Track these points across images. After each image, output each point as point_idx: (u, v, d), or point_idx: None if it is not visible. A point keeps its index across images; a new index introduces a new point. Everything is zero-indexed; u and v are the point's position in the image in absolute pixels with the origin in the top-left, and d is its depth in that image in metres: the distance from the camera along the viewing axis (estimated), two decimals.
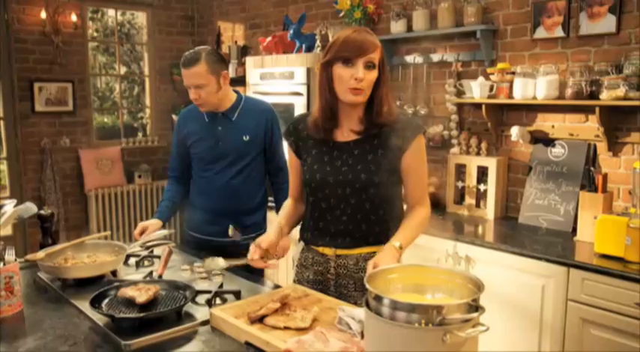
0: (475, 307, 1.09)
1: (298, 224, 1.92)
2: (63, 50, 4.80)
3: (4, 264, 1.62)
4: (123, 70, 5.86)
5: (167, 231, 2.28)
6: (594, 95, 2.69)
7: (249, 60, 4.18)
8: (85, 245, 2.06)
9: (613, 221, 2.35)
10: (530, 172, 3.08)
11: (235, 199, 2.45)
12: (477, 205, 3.24)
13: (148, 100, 5.65)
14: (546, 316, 2.46)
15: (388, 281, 1.24)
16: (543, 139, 3.05)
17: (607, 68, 2.67)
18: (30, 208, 2.04)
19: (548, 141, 3.02)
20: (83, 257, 1.99)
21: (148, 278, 1.91)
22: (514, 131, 3.05)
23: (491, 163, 3.17)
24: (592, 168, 2.83)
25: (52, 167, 4.80)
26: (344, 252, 1.77)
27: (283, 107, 3.77)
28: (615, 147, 2.78)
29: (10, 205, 1.92)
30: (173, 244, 2.10)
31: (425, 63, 3.55)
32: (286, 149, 1.92)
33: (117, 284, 1.72)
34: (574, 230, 2.75)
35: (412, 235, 1.70)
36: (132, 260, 2.13)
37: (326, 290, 1.80)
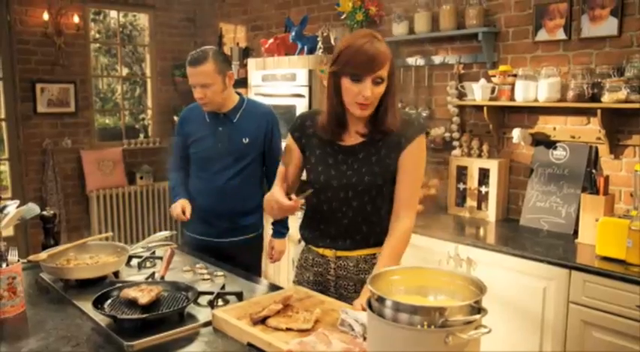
0: (477, 309, 1.09)
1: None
2: (65, 51, 4.81)
3: (7, 265, 1.62)
4: (125, 72, 5.87)
5: (169, 233, 2.28)
6: (596, 98, 2.69)
7: (251, 61, 4.19)
8: (88, 246, 2.06)
9: (614, 223, 2.36)
10: (531, 174, 3.08)
11: (233, 200, 2.46)
12: (479, 207, 3.25)
13: (150, 101, 5.66)
14: (547, 318, 2.46)
15: (391, 283, 1.24)
16: (545, 141, 3.05)
17: (609, 71, 2.67)
18: (32, 209, 2.04)
19: (549, 143, 3.03)
20: (85, 258, 1.99)
21: (150, 279, 1.91)
22: (515, 133, 3.05)
23: (492, 165, 3.17)
24: (593, 170, 2.83)
25: (54, 168, 4.80)
26: (344, 254, 1.77)
27: (285, 109, 3.78)
28: (617, 149, 2.78)
29: (13, 206, 1.92)
30: (175, 245, 2.10)
31: (426, 65, 3.55)
32: (286, 141, 1.86)
33: (119, 285, 1.73)
34: (575, 232, 2.75)
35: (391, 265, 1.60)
36: (134, 261, 2.13)
37: (326, 291, 1.80)
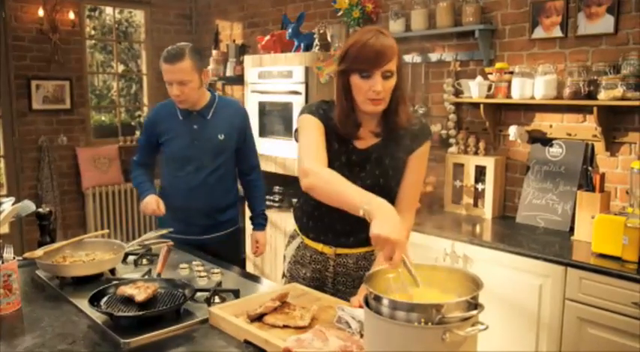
0: (474, 305, 1.09)
1: None
2: (60, 48, 4.79)
3: (3, 262, 1.61)
4: (120, 68, 5.85)
5: (165, 230, 2.27)
6: (592, 95, 2.69)
7: (247, 59, 4.18)
8: (84, 243, 2.05)
9: (610, 220, 2.36)
10: (527, 172, 3.08)
11: (212, 197, 2.46)
12: (475, 204, 3.25)
13: (146, 98, 5.64)
14: (544, 315, 2.47)
15: (387, 280, 1.24)
16: (541, 139, 3.05)
17: (605, 68, 2.67)
18: (28, 206, 2.03)
19: (545, 140, 3.03)
20: (81, 255, 1.98)
21: (147, 276, 1.90)
22: (512, 131, 3.06)
23: (489, 163, 3.17)
24: (590, 167, 2.83)
25: (50, 165, 4.78)
26: (344, 251, 1.77)
27: (281, 106, 3.78)
28: (613, 147, 2.79)
29: (9, 203, 1.91)
30: (171, 242, 2.10)
31: (423, 62, 3.55)
32: (308, 122, 1.69)
33: (116, 282, 1.72)
34: (571, 229, 2.75)
35: None
36: (130, 258, 2.12)
37: (322, 286, 1.80)
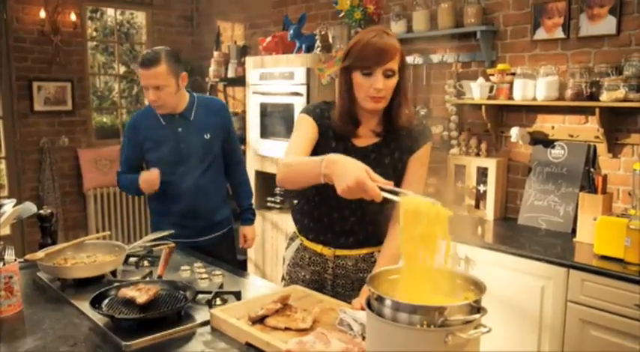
0: (477, 308, 1.09)
1: None
2: (62, 49, 4.79)
3: (4, 264, 1.61)
4: (122, 70, 5.85)
5: (167, 232, 2.26)
6: (594, 96, 2.69)
7: (248, 60, 4.18)
8: (85, 245, 2.05)
9: (613, 222, 2.36)
10: (529, 173, 3.08)
11: (205, 198, 2.45)
12: (477, 206, 3.24)
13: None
14: (546, 317, 2.47)
15: (390, 282, 1.23)
16: (543, 140, 3.05)
17: (607, 69, 2.67)
18: (29, 208, 2.03)
19: (547, 142, 3.02)
20: (83, 257, 1.98)
21: (148, 278, 1.90)
22: (514, 132, 3.05)
23: (490, 164, 3.17)
24: (592, 169, 2.83)
25: (51, 166, 4.79)
26: (343, 253, 1.77)
27: (283, 107, 3.77)
28: (615, 148, 2.78)
29: (10, 205, 1.91)
30: (173, 244, 2.09)
31: (425, 63, 3.55)
32: (300, 121, 1.74)
33: (117, 284, 1.72)
34: (573, 231, 2.75)
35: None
36: (131, 260, 2.12)
37: (321, 289, 1.79)
